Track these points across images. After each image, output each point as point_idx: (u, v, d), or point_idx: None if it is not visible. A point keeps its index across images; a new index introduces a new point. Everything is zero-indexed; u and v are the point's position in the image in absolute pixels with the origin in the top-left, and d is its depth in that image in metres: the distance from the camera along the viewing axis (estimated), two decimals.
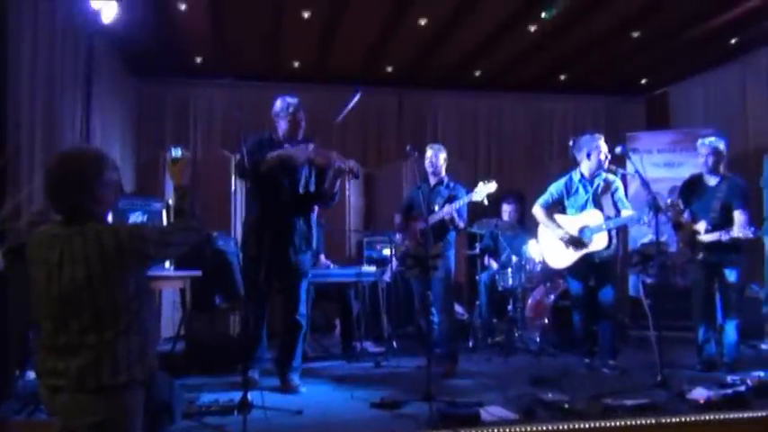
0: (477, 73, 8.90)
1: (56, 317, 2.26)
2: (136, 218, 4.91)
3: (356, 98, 4.32)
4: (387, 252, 7.24)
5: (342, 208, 8.01)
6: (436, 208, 5.37)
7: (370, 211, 8.48)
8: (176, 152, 2.72)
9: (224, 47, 7.80)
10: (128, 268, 2.29)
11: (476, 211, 5.90)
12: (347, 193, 7.97)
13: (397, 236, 5.78)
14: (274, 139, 4.28)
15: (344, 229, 7.98)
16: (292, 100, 4.28)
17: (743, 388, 3.99)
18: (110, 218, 2.49)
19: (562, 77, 9.11)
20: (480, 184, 5.30)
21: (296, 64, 8.50)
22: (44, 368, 2.27)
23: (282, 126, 4.28)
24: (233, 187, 7.48)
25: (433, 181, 5.59)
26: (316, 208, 4.42)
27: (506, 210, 7.41)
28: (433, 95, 9.61)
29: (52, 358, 2.26)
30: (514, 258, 6.57)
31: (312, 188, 4.33)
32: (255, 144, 4.21)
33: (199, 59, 8.32)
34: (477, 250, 7.17)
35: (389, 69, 8.72)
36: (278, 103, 4.33)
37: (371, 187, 8.51)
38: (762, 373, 4.42)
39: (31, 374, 4.00)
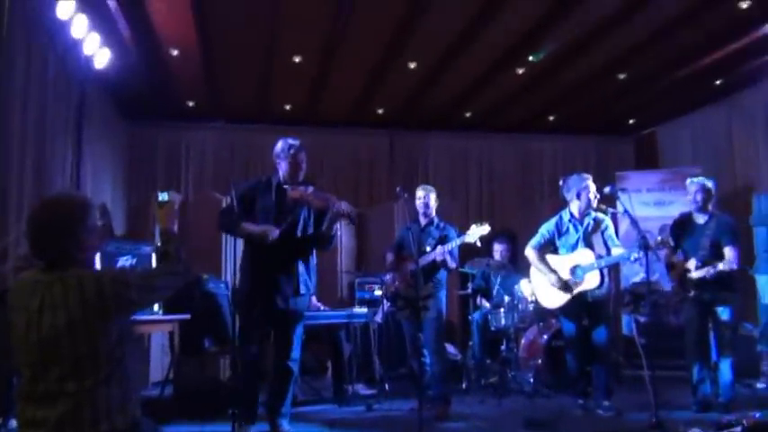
0: (468, 114, 8.98)
1: (35, 364, 2.22)
2: (125, 261, 4.87)
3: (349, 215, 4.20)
4: (378, 293, 7.23)
5: (333, 249, 7.62)
6: (428, 249, 5.34)
7: (361, 252, 8.46)
8: (163, 196, 2.73)
9: (216, 90, 7.87)
10: (110, 315, 2.24)
11: (467, 250, 5.87)
12: (338, 233, 7.85)
13: (388, 276, 5.72)
14: (272, 182, 4.22)
15: (336, 270, 7.92)
16: (294, 141, 4.25)
17: (738, 429, 3.95)
18: (97, 261, 2.46)
19: (551, 118, 9.21)
20: (473, 226, 5.27)
21: (287, 107, 8.61)
22: (23, 418, 2.21)
23: (283, 167, 4.22)
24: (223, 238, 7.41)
25: (423, 221, 5.58)
26: (314, 251, 4.36)
27: (498, 249, 7.39)
28: (425, 136, 9.67)
29: (31, 407, 2.20)
30: (507, 298, 6.52)
31: (310, 231, 4.26)
32: (246, 192, 4.16)
33: (191, 103, 8.40)
34: (470, 290, 7.10)
35: (380, 111, 8.86)
36: (279, 145, 4.29)
37: (363, 228, 8.47)
38: (758, 413, 4.38)
39: (14, 422, 3.89)
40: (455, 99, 8.31)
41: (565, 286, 5.21)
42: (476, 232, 5.23)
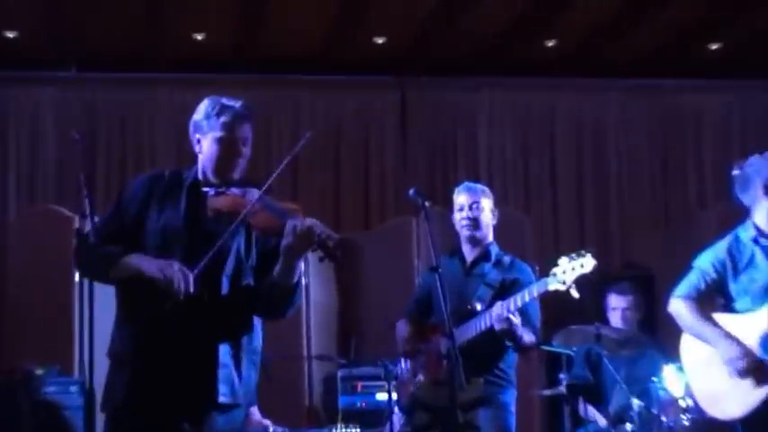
0: (551, 43, 9.43)
1: None
2: None
3: (304, 140, 4.30)
4: (382, 397, 7.34)
5: (295, 311, 8.01)
6: (478, 306, 5.45)
7: (347, 318, 8.73)
8: None
9: (58, 9, 8.21)
10: None
11: (555, 308, 5.89)
12: (304, 280, 7.85)
13: (402, 365, 5.87)
14: (182, 179, 4.37)
15: (300, 354, 8.13)
16: (232, 103, 4.33)
17: None
18: None
19: (713, 47, 9.53)
20: (563, 259, 5.31)
21: (198, 37, 8.97)
22: None
23: (209, 153, 4.30)
24: (76, 277, 7.52)
25: (469, 254, 5.70)
26: (255, 322, 4.37)
27: (616, 306, 7.41)
28: (467, 87, 10.10)
29: None
30: (637, 403, 6.53)
31: (247, 279, 4.28)
32: (132, 198, 4.32)
33: (11, 34, 8.70)
34: (563, 387, 6.92)
35: (380, 41, 9.34)
36: (202, 108, 4.36)
37: (352, 267, 8.68)
38: None
39: None
40: (524, 16, 8.60)
41: (756, 371, 5.04)
42: (569, 272, 5.27)
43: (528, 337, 5.34)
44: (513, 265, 5.62)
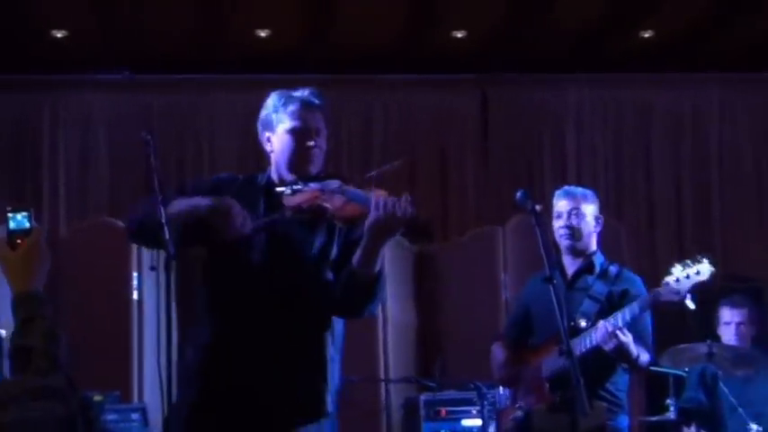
0: (648, 33, 9.35)
1: None
2: None
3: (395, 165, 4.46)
4: (469, 424, 7.42)
5: (368, 328, 8.08)
6: (582, 323, 5.38)
7: (429, 338, 8.64)
8: (16, 221, 2.90)
9: (111, 7, 8.30)
10: None
11: (667, 324, 6.00)
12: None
13: (501, 392, 5.83)
14: (256, 182, 4.46)
15: (375, 378, 8.08)
16: (300, 92, 4.38)
17: None
18: None
19: None
20: (677, 266, 5.24)
21: (262, 34, 9.02)
22: None
23: (281, 148, 4.35)
24: (134, 295, 7.76)
25: (570, 266, 5.65)
26: (337, 322, 4.42)
27: (730, 320, 7.27)
28: (558, 83, 10.17)
29: None
30: (756, 428, 6.55)
31: (329, 275, 4.30)
32: (203, 189, 4.38)
33: (60, 34, 8.74)
34: (672, 413, 6.90)
35: (460, 35, 9.24)
36: (271, 102, 4.42)
37: (431, 281, 8.73)
38: None
39: None
40: (617, 4, 8.60)
41: None
42: (684, 281, 5.22)
43: (643, 355, 5.27)
44: (621, 275, 5.54)
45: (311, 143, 4.26)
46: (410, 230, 4.11)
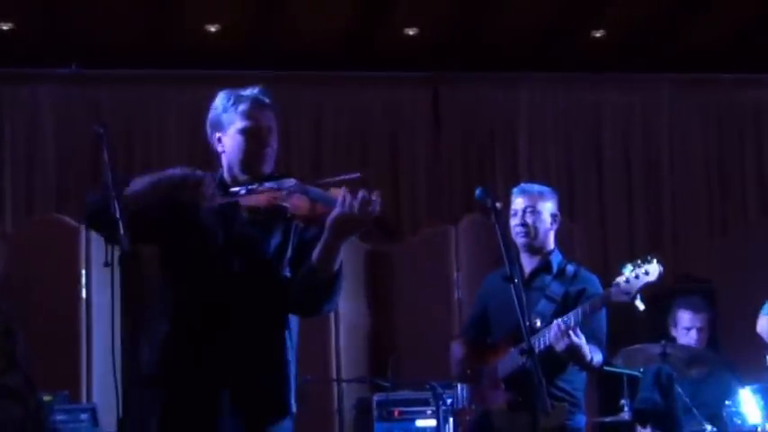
0: (598, 34, 9.45)
1: None
2: None
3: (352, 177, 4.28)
4: (423, 424, 7.42)
5: (321, 328, 8.17)
6: (538, 323, 5.33)
7: (382, 337, 8.66)
8: None
9: (59, 3, 8.33)
10: None
11: (619, 324, 5.85)
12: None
13: (458, 390, 5.76)
14: (206, 180, 4.25)
15: (327, 379, 8.09)
16: (249, 91, 4.34)
17: None
18: None
19: None
20: (627, 267, 5.22)
21: (211, 28, 9.02)
22: None
23: (233, 149, 4.31)
24: (83, 293, 7.76)
25: (527, 264, 5.62)
26: (293, 322, 4.39)
27: (691, 325, 7.25)
28: (510, 84, 10.21)
29: None
30: (710, 429, 6.59)
31: (286, 270, 4.29)
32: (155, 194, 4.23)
33: (6, 26, 8.72)
34: (626, 413, 7.03)
35: (411, 33, 9.29)
36: (219, 101, 4.38)
37: (383, 281, 8.73)
38: None
39: None
40: (569, 4, 8.69)
41: None
42: (634, 281, 5.20)
43: (596, 356, 5.25)
44: (578, 275, 5.52)
45: (264, 142, 4.26)
46: (376, 228, 4.08)
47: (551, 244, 5.56)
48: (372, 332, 8.74)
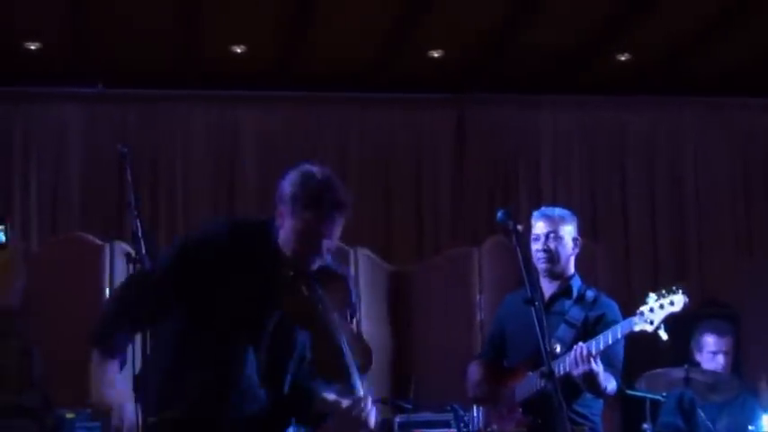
0: (623, 57, 9.42)
1: None
2: None
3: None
4: None
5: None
6: (557, 348, 5.32)
7: (403, 358, 8.66)
8: None
9: (85, 20, 8.27)
10: None
11: (637, 350, 5.78)
12: (355, 316, 7.71)
13: (474, 413, 5.73)
14: (270, 246, 4.15)
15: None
16: (333, 194, 4.03)
17: None
18: None
19: None
20: (651, 296, 5.15)
21: (237, 50, 9.01)
22: None
23: (287, 236, 4.09)
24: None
25: (547, 289, 5.57)
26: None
27: (710, 345, 7.17)
28: (534, 105, 10.22)
29: None
30: None
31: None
32: (208, 251, 4.11)
33: (33, 45, 8.75)
34: None
35: (436, 55, 9.29)
36: (297, 182, 4.06)
37: (406, 304, 8.73)
38: None
39: None
40: (595, 28, 8.65)
41: None
42: (658, 311, 5.14)
43: (610, 384, 5.22)
44: (598, 301, 5.46)
45: (317, 250, 4.05)
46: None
47: (572, 268, 5.51)
48: (394, 353, 8.69)
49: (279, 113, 9.50)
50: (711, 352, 7.14)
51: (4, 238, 2.65)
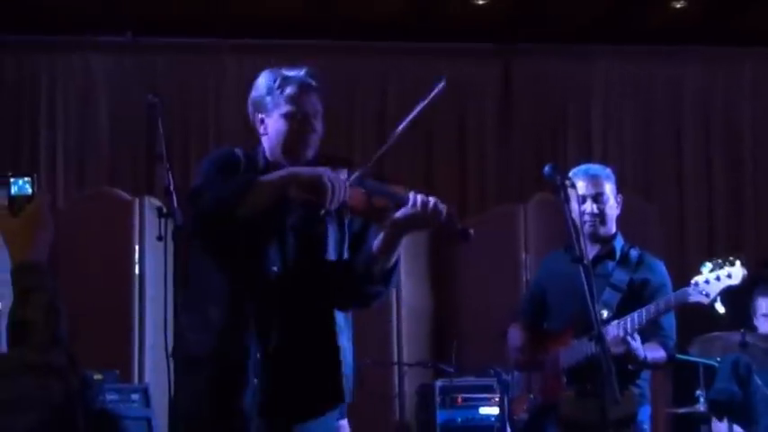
0: (679, 5, 9.34)
1: None
2: None
3: (439, 88, 4.35)
4: (486, 412, 7.45)
5: (381, 311, 8.19)
6: (604, 313, 5.29)
7: (445, 321, 8.67)
8: (18, 186, 2.92)
9: None
10: None
11: (692, 312, 5.67)
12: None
13: (514, 377, 5.83)
14: (257, 162, 4.43)
15: (388, 363, 8.12)
16: (295, 72, 4.32)
17: None
18: None
19: None
20: (706, 266, 5.22)
21: None
22: None
23: (277, 133, 4.35)
24: (136, 269, 7.88)
25: (590, 250, 5.33)
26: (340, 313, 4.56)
27: (764, 308, 7.24)
28: (578, 54, 10.18)
29: None
30: None
31: (342, 269, 4.36)
32: (221, 168, 4.36)
33: None
34: (701, 405, 6.86)
35: (480, 2, 9.31)
36: (263, 83, 4.37)
37: (451, 262, 8.74)
38: None
39: None
40: None
41: None
42: (714, 284, 5.20)
43: (654, 353, 5.27)
44: (643, 261, 5.51)
45: (309, 128, 4.27)
46: (449, 229, 4.04)
47: (614, 227, 5.54)
48: (435, 315, 8.72)
49: (311, 64, 9.44)
50: (765, 315, 7.20)
51: (30, 190, 2.67)
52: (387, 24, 9.46)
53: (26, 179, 2.81)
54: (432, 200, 3.97)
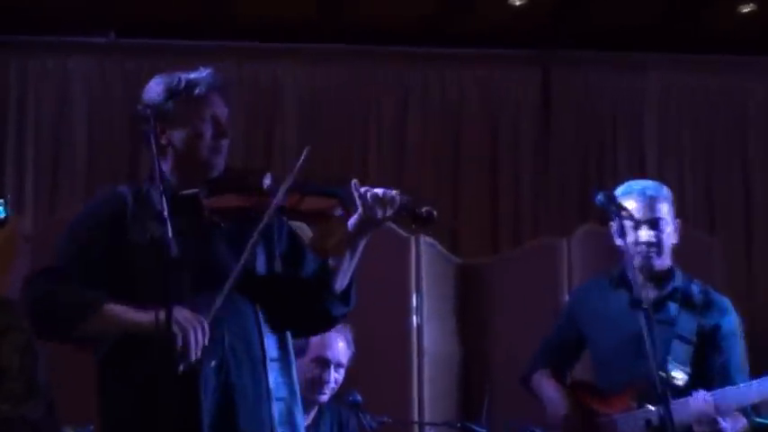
0: (746, 9, 9.30)
1: None
2: None
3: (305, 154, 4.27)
4: None
5: (401, 359, 8.08)
6: (678, 377, 5.25)
7: (475, 371, 8.48)
8: None
9: None
10: None
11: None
12: (412, 323, 8.06)
13: None
14: (148, 199, 4.35)
15: (406, 419, 7.83)
16: (197, 74, 4.33)
17: None
18: None
19: None
20: None
21: None
22: None
23: (185, 141, 4.32)
24: None
25: (646, 287, 5.36)
26: (288, 338, 4.47)
27: None
28: (629, 63, 10.11)
29: None
30: None
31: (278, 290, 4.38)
32: (100, 220, 4.32)
33: None
34: None
35: (517, 3, 9.34)
36: (160, 87, 4.35)
37: (482, 303, 8.56)
38: None
39: None
40: None
41: None
42: None
43: (736, 425, 5.10)
44: (709, 301, 5.34)
45: (223, 133, 4.27)
46: (409, 214, 4.09)
47: (670, 259, 5.37)
48: (463, 364, 8.50)
49: (325, 71, 9.50)
50: None
51: (3, 213, 2.47)
52: (410, 26, 9.45)
53: None
54: (378, 189, 4.05)
